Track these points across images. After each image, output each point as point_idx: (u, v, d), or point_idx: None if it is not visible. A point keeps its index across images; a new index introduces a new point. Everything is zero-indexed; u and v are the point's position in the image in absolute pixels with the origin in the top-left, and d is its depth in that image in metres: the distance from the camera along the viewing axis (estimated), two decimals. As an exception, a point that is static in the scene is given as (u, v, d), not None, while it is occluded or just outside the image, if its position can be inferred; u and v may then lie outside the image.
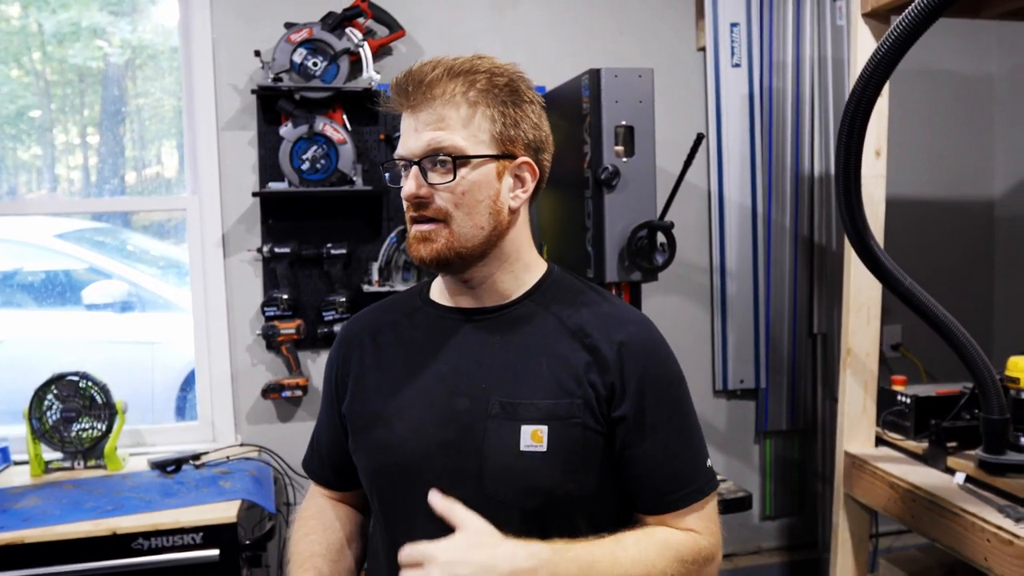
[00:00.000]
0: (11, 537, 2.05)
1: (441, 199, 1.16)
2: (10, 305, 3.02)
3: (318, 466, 1.43)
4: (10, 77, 2.89)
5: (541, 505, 1.17)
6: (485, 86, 1.17)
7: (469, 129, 1.17)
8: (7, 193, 2.90)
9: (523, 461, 1.16)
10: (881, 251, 1.93)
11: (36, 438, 2.50)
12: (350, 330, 1.38)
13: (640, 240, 2.23)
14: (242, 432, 2.81)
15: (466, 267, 1.21)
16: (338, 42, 2.65)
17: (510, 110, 1.19)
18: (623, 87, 2.21)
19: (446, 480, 1.16)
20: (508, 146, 1.19)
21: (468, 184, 1.17)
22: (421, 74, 1.16)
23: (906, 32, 1.61)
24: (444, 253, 1.17)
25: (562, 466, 1.16)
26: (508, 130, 1.19)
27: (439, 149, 1.15)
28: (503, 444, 1.16)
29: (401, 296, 1.39)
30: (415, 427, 1.21)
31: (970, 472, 2.05)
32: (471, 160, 1.16)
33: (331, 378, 1.38)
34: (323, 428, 1.42)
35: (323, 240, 2.75)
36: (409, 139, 1.17)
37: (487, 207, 1.19)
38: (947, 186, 3.31)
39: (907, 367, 3.13)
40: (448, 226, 1.17)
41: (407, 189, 1.17)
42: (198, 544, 2.15)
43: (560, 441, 1.16)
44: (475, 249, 1.19)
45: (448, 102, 1.16)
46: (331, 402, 1.37)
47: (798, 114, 3.02)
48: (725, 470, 3.14)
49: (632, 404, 1.19)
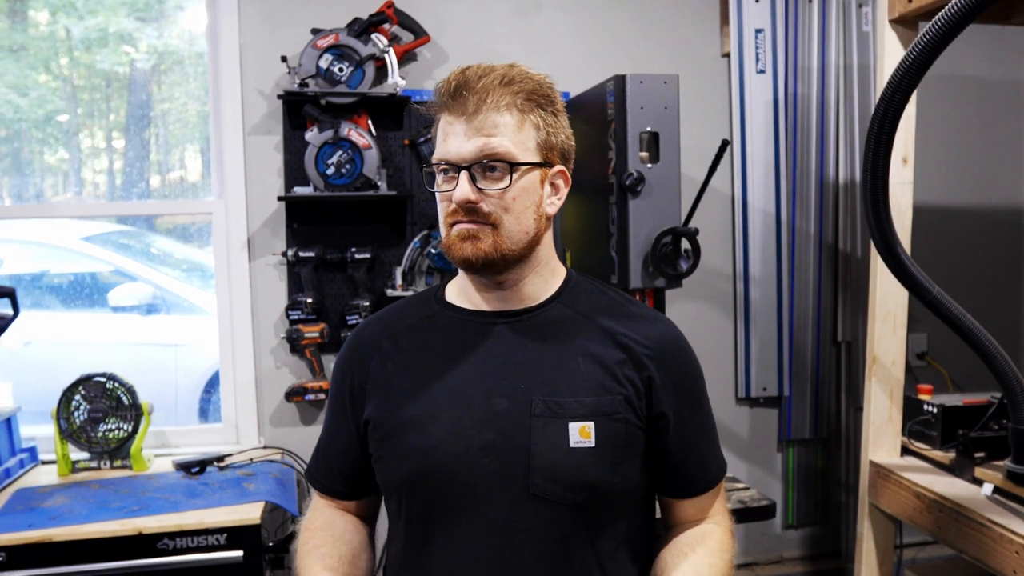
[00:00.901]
0: (39, 535, 2.08)
1: (490, 204, 1.18)
2: (38, 307, 3.06)
3: (326, 476, 1.39)
4: (38, 82, 2.93)
5: (587, 500, 1.19)
6: (533, 95, 1.20)
7: (519, 136, 1.19)
8: (35, 196, 2.94)
9: (573, 457, 1.18)
10: (909, 259, 1.91)
11: (64, 438, 2.53)
12: (363, 336, 1.36)
13: (664, 246, 2.22)
14: (265, 435, 2.82)
15: (506, 269, 1.23)
16: (364, 48, 2.67)
17: (550, 119, 1.23)
18: (648, 93, 2.21)
19: (488, 481, 1.17)
20: (548, 154, 1.23)
21: (518, 190, 1.19)
22: (474, 80, 1.17)
23: (937, 38, 1.61)
24: (490, 254, 1.19)
25: (609, 460, 1.19)
26: (550, 138, 1.23)
27: (494, 155, 1.17)
28: (552, 442, 1.18)
29: (412, 300, 1.39)
30: (453, 429, 1.21)
31: (998, 483, 2.03)
32: (521, 167, 1.19)
33: (344, 386, 1.34)
34: (333, 436, 1.38)
35: (347, 244, 2.76)
36: (458, 143, 1.18)
37: (532, 213, 1.22)
38: (974, 193, 3.27)
39: (933, 376, 3.10)
40: (496, 229, 1.19)
41: (461, 194, 1.17)
42: (222, 545, 2.16)
43: (606, 436, 1.19)
44: (519, 253, 1.22)
45: (502, 109, 1.17)
46: (343, 410, 1.34)
47: (823, 120, 3.00)
48: (747, 478, 3.12)
49: (670, 399, 1.25)
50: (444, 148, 1.19)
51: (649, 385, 1.23)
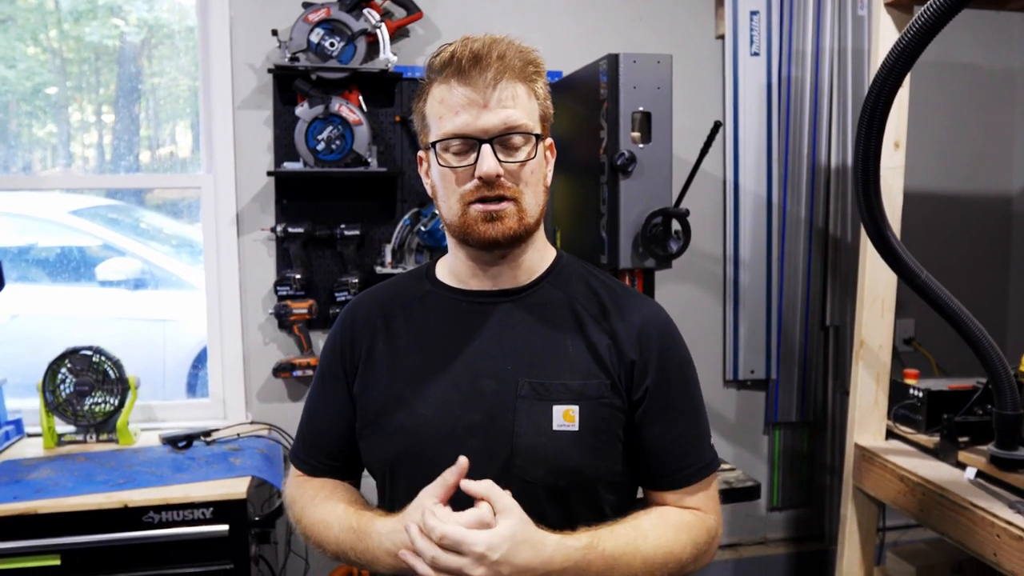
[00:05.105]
0: (24, 507, 2.07)
1: (510, 178, 1.16)
2: (25, 280, 3.04)
3: (311, 454, 1.35)
4: (27, 54, 2.90)
5: (568, 484, 1.18)
6: (534, 66, 1.19)
7: (529, 107, 1.18)
8: (23, 169, 2.91)
9: (556, 441, 1.17)
10: (898, 243, 1.92)
11: (49, 411, 2.52)
12: (356, 312, 1.34)
13: (655, 227, 2.22)
14: (253, 410, 2.82)
15: (521, 243, 1.23)
16: (355, 23, 2.65)
17: (545, 90, 1.23)
18: (641, 73, 2.20)
19: (473, 461, 1.14)
20: (545, 125, 1.23)
21: (536, 163, 1.19)
22: (487, 50, 1.14)
23: (930, 22, 1.60)
24: (517, 230, 1.18)
25: (592, 445, 1.18)
26: (546, 110, 1.23)
27: (516, 127, 1.15)
28: (535, 424, 1.17)
29: (404, 278, 1.38)
30: (439, 409, 1.20)
31: (981, 467, 2.04)
32: (536, 138, 1.18)
33: (337, 363, 1.32)
34: (321, 413, 1.35)
35: (337, 221, 2.75)
36: (475, 116, 1.14)
37: (542, 184, 1.22)
38: (965, 180, 3.28)
39: (919, 361, 3.12)
40: (518, 204, 1.17)
41: (490, 168, 1.13)
42: (208, 519, 2.16)
43: (590, 421, 1.18)
44: (534, 226, 1.22)
45: (516, 80, 1.16)
46: (336, 382, 1.32)
47: (816, 104, 3.00)
48: (734, 460, 3.13)
49: (651, 383, 1.23)
50: (457, 122, 1.15)
51: (631, 368, 1.22)
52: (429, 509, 1.07)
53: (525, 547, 1.05)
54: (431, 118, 1.19)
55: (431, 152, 1.20)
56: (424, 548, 1.04)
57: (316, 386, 1.38)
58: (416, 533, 1.06)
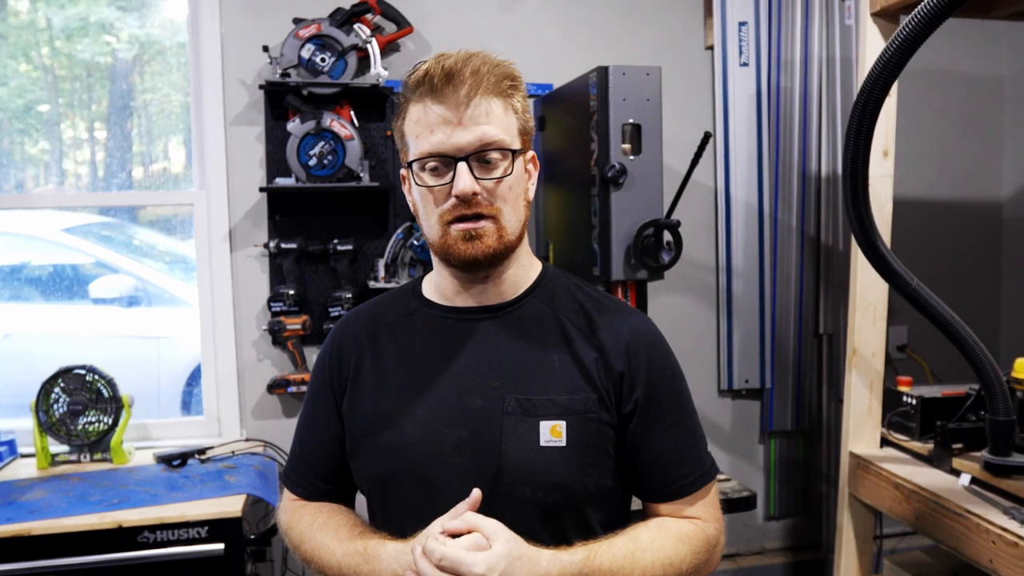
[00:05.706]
0: (18, 529, 2.06)
1: (488, 195, 1.15)
2: (17, 299, 3.03)
3: (305, 477, 1.34)
4: (18, 72, 2.90)
5: (558, 501, 1.17)
6: (509, 79, 1.18)
7: (506, 123, 1.17)
8: (15, 187, 2.91)
9: (543, 457, 1.16)
10: (888, 251, 1.92)
11: (43, 431, 2.51)
12: (343, 334, 1.34)
13: (646, 238, 2.23)
14: (247, 427, 2.81)
15: (502, 262, 1.22)
16: (346, 38, 2.66)
17: (523, 103, 1.21)
18: (631, 85, 2.21)
19: (461, 480, 1.15)
20: (525, 139, 1.21)
21: (514, 179, 1.17)
22: (460, 66, 1.13)
23: (915, 31, 1.61)
24: (497, 249, 1.17)
25: (580, 461, 1.18)
26: (526, 123, 1.21)
27: (492, 143, 1.14)
28: (522, 440, 1.16)
29: (391, 296, 1.37)
30: (425, 428, 1.20)
31: (976, 474, 2.05)
32: (513, 154, 1.17)
33: (325, 383, 1.32)
34: (313, 435, 1.34)
35: (330, 236, 2.75)
36: (449, 134, 1.13)
37: (522, 200, 1.21)
38: (955, 187, 3.29)
39: (913, 368, 3.12)
40: (497, 221, 1.16)
41: (465, 186, 1.12)
42: (203, 538, 2.15)
43: (578, 436, 1.17)
44: (515, 243, 1.21)
45: (491, 96, 1.15)
46: (327, 403, 1.31)
47: (806, 113, 3.01)
48: (729, 470, 3.13)
49: (641, 395, 1.22)
50: (432, 140, 1.14)
51: (620, 381, 1.21)
52: (433, 534, 1.08)
53: (521, 563, 1.06)
54: (408, 137, 1.19)
55: (410, 171, 1.20)
56: (425, 570, 1.05)
57: (307, 407, 1.37)
58: (419, 555, 1.07)
